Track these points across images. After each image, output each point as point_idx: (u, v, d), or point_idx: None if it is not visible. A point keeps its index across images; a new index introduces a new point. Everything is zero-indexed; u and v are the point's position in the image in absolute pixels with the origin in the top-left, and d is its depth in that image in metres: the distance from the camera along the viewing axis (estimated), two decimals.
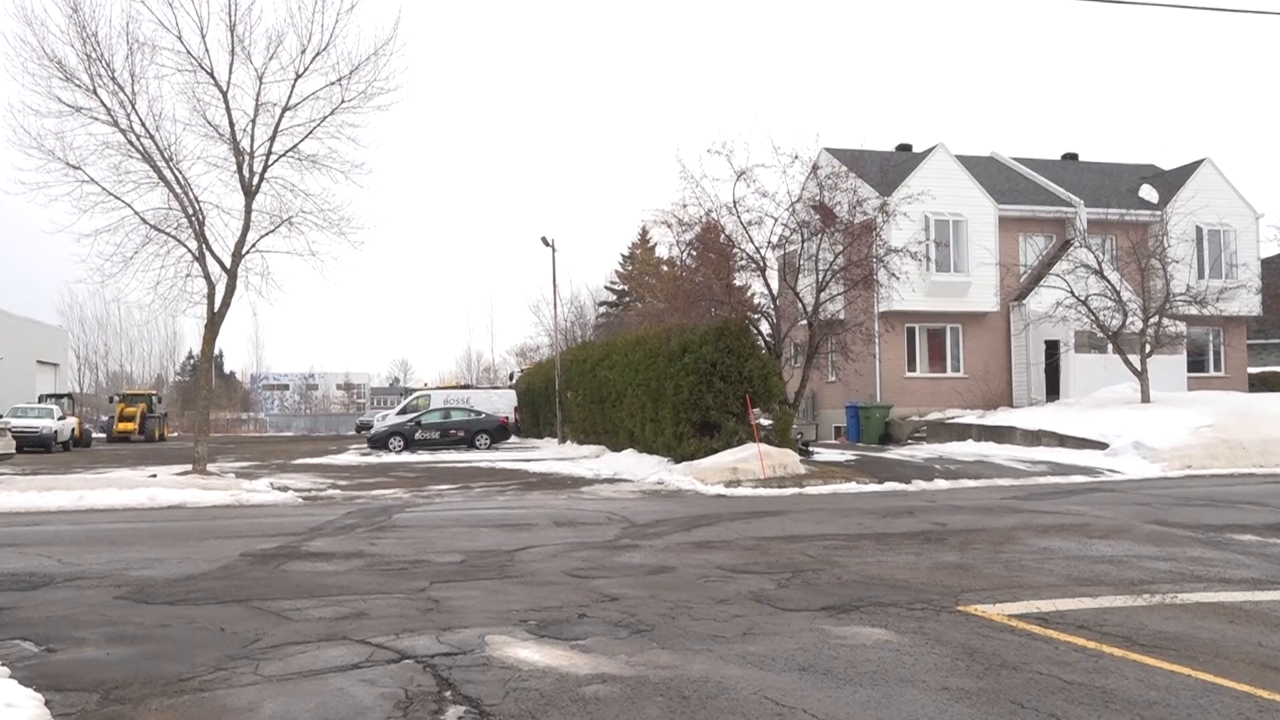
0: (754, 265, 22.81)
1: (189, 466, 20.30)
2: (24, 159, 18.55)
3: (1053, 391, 29.63)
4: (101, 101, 18.87)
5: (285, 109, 19.76)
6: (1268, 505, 13.44)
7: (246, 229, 20.07)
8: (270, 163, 20.08)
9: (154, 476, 18.55)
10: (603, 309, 65.72)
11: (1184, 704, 4.68)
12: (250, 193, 19.99)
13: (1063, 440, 22.51)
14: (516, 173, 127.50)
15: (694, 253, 23.43)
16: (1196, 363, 31.38)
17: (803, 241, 22.90)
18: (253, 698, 4.86)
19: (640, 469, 20.66)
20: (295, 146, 20.09)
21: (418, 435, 32.26)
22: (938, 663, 5.39)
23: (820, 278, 22.53)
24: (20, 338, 49.44)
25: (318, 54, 19.42)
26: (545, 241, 35.34)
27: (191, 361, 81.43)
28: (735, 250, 22.79)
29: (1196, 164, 32.74)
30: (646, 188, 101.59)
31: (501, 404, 39.85)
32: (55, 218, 28.66)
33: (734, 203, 22.23)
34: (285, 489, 17.73)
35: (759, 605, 6.95)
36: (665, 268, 39.95)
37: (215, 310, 20.22)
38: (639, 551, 9.68)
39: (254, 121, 19.85)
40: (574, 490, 17.44)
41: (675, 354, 21.15)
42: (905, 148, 34.61)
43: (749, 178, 21.94)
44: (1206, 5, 13.03)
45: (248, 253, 20.26)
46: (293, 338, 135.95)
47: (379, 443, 32.23)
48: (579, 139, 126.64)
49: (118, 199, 19.34)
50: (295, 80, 19.59)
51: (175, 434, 54.78)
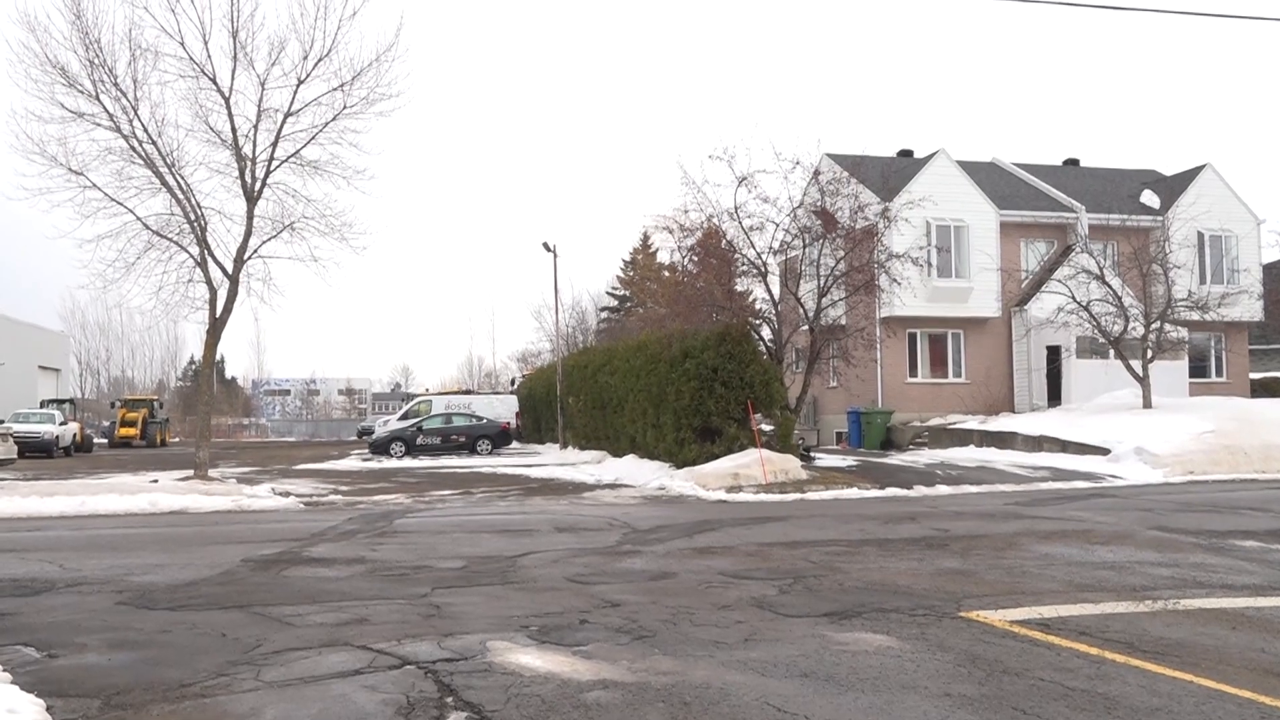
0: (755, 271, 22.84)
1: (190, 472, 20.30)
2: (27, 164, 18.62)
3: (1054, 397, 29.62)
4: (104, 107, 18.93)
5: (287, 115, 19.80)
6: (1270, 511, 13.43)
7: (248, 234, 20.11)
8: (272, 168, 20.13)
9: (155, 482, 18.55)
10: (604, 314, 65.72)
11: (1186, 711, 4.68)
12: (252, 198, 20.03)
13: (1064, 446, 22.51)
14: (518, 178, 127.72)
15: (695, 258, 23.44)
16: (1198, 368, 31.34)
17: (804, 247, 22.93)
18: (254, 704, 4.86)
19: (642, 474, 20.64)
20: (297, 152, 20.13)
21: (419, 440, 32.27)
22: (940, 669, 5.38)
23: (822, 283, 22.56)
24: (22, 343, 49.50)
25: (320, 60, 19.49)
26: (547, 247, 35.39)
27: (193, 367, 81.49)
28: (737, 256, 22.82)
29: (1198, 169, 32.72)
30: (648, 193, 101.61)
31: (503, 409, 39.89)
32: (57, 223, 28.79)
33: (735, 208, 22.31)
34: (287, 494, 17.74)
35: (761, 611, 6.95)
36: (667, 273, 40.02)
37: (217, 316, 20.24)
38: (640, 557, 9.68)
39: (256, 127, 19.91)
40: (575, 496, 17.44)
41: (677, 359, 21.16)
42: (907, 153, 34.65)
43: (750, 183, 22.02)
44: (1207, 11, 13.07)
45: (250, 258, 20.30)
46: (294, 343, 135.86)
47: (380, 448, 32.25)
48: (581, 144, 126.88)
49: (120, 205, 19.38)
50: (297, 86, 19.65)
51: (177, 439, 54.82)
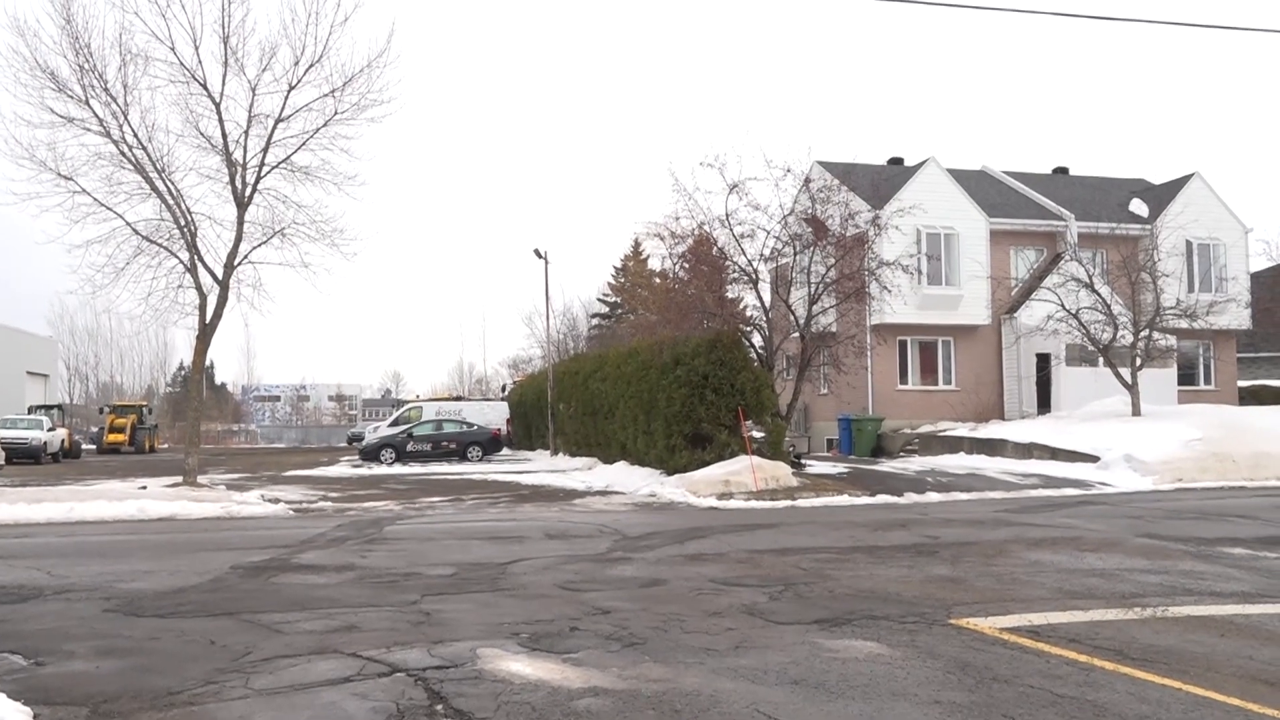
0: (746, 278, 22.90)
1: (179, 478, 20.21)
2: (15, 169, 18.59)
3: (1044, 404, 29.71)
4: (94, 112, 18.89)
5: (278, 121, 19.79)
6: (1258, 518, 13.50)
7: (239, 240, 20.07)
8: (263, 174, 20.10)
9: (144, 488, 18.45)
10: (595, 321, 65.78)
11: (1175, 717, 4.70)
12: (243, 204, 19.98)
13: (1054, 453, 22.58)
14: (510, 184, 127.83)
15: (686, 265, 23.47)
16: (1187, 376, 31.47)
17: (795, 254, 23.00)
18: (243, 711, 4.84)
19: (632, 481, 20.63)
20: (288, 158, 20.13)
21: (409, 447, 32.16)
22: (929, 676, 5.39)
23: (812, 290, 22.62)
24: (10, 348, 49.26)
25: (311, 66, 19.50)
26: (538, 254, 35.46)
27: (182, 373, 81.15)
28: (727, 263, 22.87)
29: (1186, 178, 32.90)
30: (639, 200, 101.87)
31: (494, 416, 39.75)
32: (46, 228, 28.72)
33: (726, 215, 22.37)
34: (276, 501, 17.66)
35: (751, 618, 6.95)
36: (658, 280, 40.04)
37: (207, 322, 20.18)
38: (631, 564, 9.67)
39: (247, 133, 19.88)
40: (566, 503, 17.42)
41: (667, 366, 21.17)
42: (897, 161, 34.78)
43: (741, 191, 22.10)
44: (1197, 22, 13.17)
45: (240, 264, 20.25)
46: (284, 349, 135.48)
47: (371, 455, 32.15)
48: (572, 151, 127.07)
49: (109, 210, 19.33)
50: (288, 92, 19.66)
51: (166, 445, 54.51)
